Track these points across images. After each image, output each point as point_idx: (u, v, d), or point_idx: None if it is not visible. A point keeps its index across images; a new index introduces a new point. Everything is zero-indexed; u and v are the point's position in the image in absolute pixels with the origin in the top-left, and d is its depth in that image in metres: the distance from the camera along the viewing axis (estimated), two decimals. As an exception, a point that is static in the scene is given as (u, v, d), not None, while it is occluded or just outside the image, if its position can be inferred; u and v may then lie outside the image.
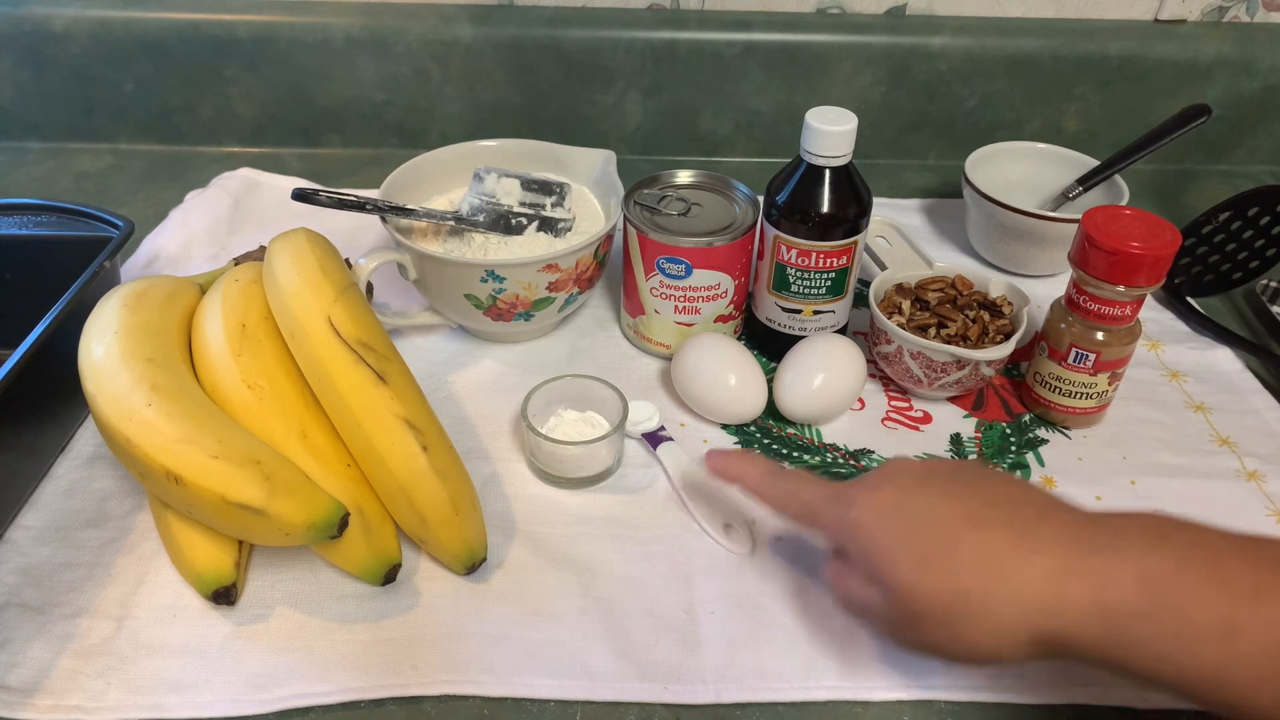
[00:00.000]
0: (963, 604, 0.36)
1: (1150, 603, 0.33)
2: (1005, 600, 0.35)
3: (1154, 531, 0.35)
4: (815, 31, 0.82)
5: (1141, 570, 0.33)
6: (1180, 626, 0.32)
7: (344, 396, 0.46)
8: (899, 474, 0.40)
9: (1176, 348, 0.65)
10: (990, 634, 0.35)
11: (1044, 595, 0.34)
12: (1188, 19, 0.85)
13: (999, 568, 0.35)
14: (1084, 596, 0.34)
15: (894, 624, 0.39)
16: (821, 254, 0.56)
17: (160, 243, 0.72)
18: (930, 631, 0.37)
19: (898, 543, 0.37)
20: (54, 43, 0.81)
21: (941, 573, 0.36)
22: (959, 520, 0.37)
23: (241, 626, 0.45)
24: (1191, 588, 0.32)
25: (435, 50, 0.82)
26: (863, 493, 0.40)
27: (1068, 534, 0.36)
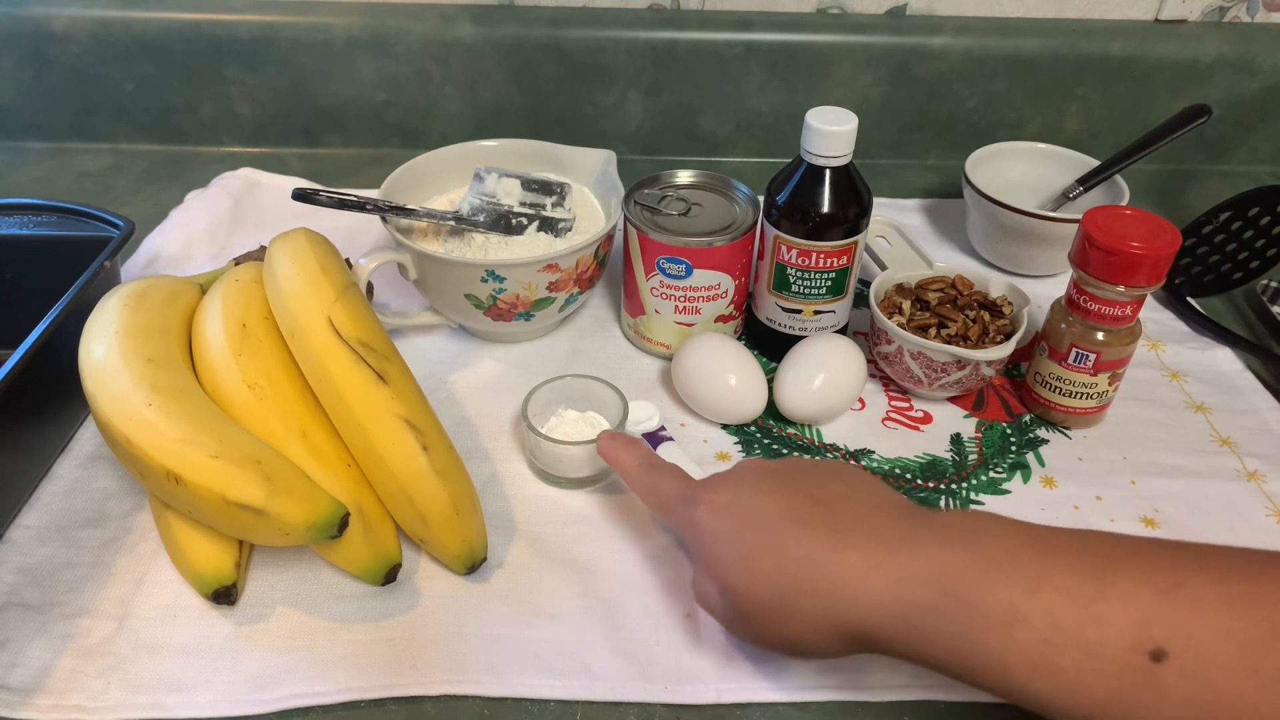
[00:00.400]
0: (780, 602, 0.37)
1: (940, 596, 0.34)
2: (817, 599, 0.37)
3: (958, 528, 0.36)
4: (816, 31, 0.82)
5: (937, 566, 0.35)
6: (966, 617, 0.33)
7: (344, 396, 0.46)
8: (741, 474, 0.42)
9: (1177, 348, 0.65)
10: (804, 629, 0.37)
11: (850, 593, 0.36)
12: (1188, 19, 0.85)
13: (810, 569, 0.37)
14: (884, 593, 0.35)
15: (728, 621, 0.41)
16: (822, 254, 0.56)
17: (160, 243, 0.72)
18: (756, 627, 0.39)
19: (724, 542, 0.39)
20: (54, 43, 0.81)
21: (759, 572, 0.38)
22: (783, 519, 0.38)
23: (241, 626, 0.45)
24: (978, 580, 0.34)
25: (436, 50, 0.82)
26: (706, 492, 0.42)
27: (879, 535, 0.37)
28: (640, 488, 0.46)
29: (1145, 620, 0.31)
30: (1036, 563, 0.34)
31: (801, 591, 0.37)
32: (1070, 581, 0.33)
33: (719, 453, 0.56)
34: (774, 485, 0.40)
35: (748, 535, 0.39)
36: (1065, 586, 0.32)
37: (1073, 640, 0.32)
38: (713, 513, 0.41)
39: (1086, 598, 0.32)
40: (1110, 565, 0.33)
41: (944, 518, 0.38)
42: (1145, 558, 0.33)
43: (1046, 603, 0.32)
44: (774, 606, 0.38)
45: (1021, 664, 0.32)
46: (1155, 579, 0.32)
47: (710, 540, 0.40)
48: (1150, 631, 0.31)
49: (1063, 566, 0.33)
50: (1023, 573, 0.33)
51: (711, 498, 0.41)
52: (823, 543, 0.37)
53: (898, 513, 0.38)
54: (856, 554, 0.36)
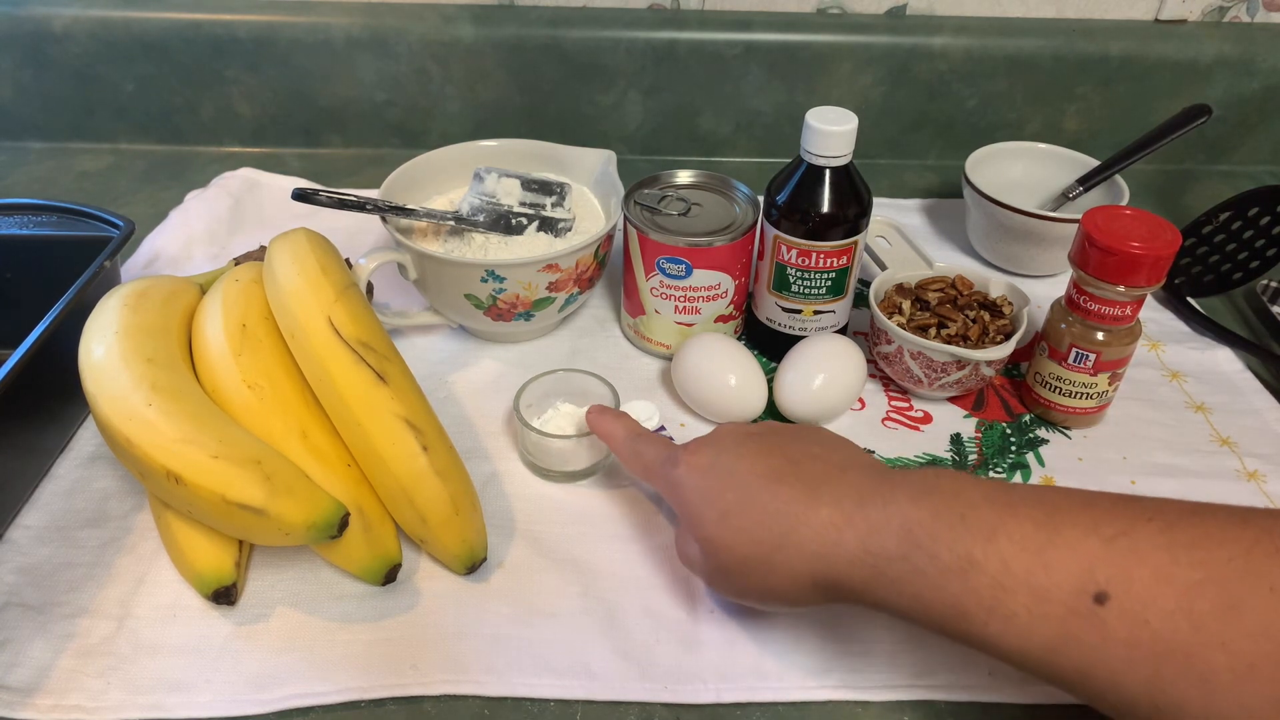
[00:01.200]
0: (756, 554, 0.39)
1: (907, 547, 0.36)
2: (791, 551, 0.38)
3: (924, 484, 0.38)
4: (815, 31, 0.82)
5: (903, 519, 0.36)
6: (928, 566, 0.35)
7: (344, 396, 0.46)
8: (720, 437, 0.44)
9: (1177, 348, 0.65)
10: (783, 581, 0.39)
11: (823, 545, 0.38)
12: (1188, 19, 0.85)
13: (787, 522, 0.39)
14: (854, 544, 0.37)
15: (709, 574, 0.42)
16: (821, 254, 0.56)
17: (160, 243, 0.72)
18: (736, 581, 0.41)
19: (703, 499, 0.41)
20: (54, 43, 0.81)
21: (738, 528, 0.40)
22: (760, 478, 0.40)
23: (241, 626, 0.45)
24: (941, 531, 0.35)
25: (436, 50, 0.82)
26: (686, 454, 0.44)
27: (851, 490, 0.39)
28: (626, 455, 0.48)
29: (1090, 566, 0.32)
30: (993, 515, 0.35)
31: (778, 546, 0.39)
32: (1023, 531, 0.34)
33: (719, 453, 0.56)
34: (752, 447, 0.42)
35: (726, 493, 0.41)
36: (1018, 536, 0.34)
37: (1023, 585, 0.33)
38: (693, 472, 0.42)
39: (1037, 545, 0.34)
40: (1061, 516, 0.34)
41: (910, 475, 0.39)
42: (1097, 509, 0.34)
43: (1000, 551, 0.34)
44: (753, 560, 0.39)
45: (977, 609, 0.34)
46: (1102, 528, 0.33)
47: (690, 499, 0.42)
48: (1095, 576, 0.32)
49: (1017, 517, 0.35)
50: (980, 524, 0.35)
51: (692, 459, 0.43)
52: (798, 499, 0.39)
53: (868, 470, 0.40)
54: (829, 508, 0.38)
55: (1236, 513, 0.33)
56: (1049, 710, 0.43)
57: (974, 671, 0.44)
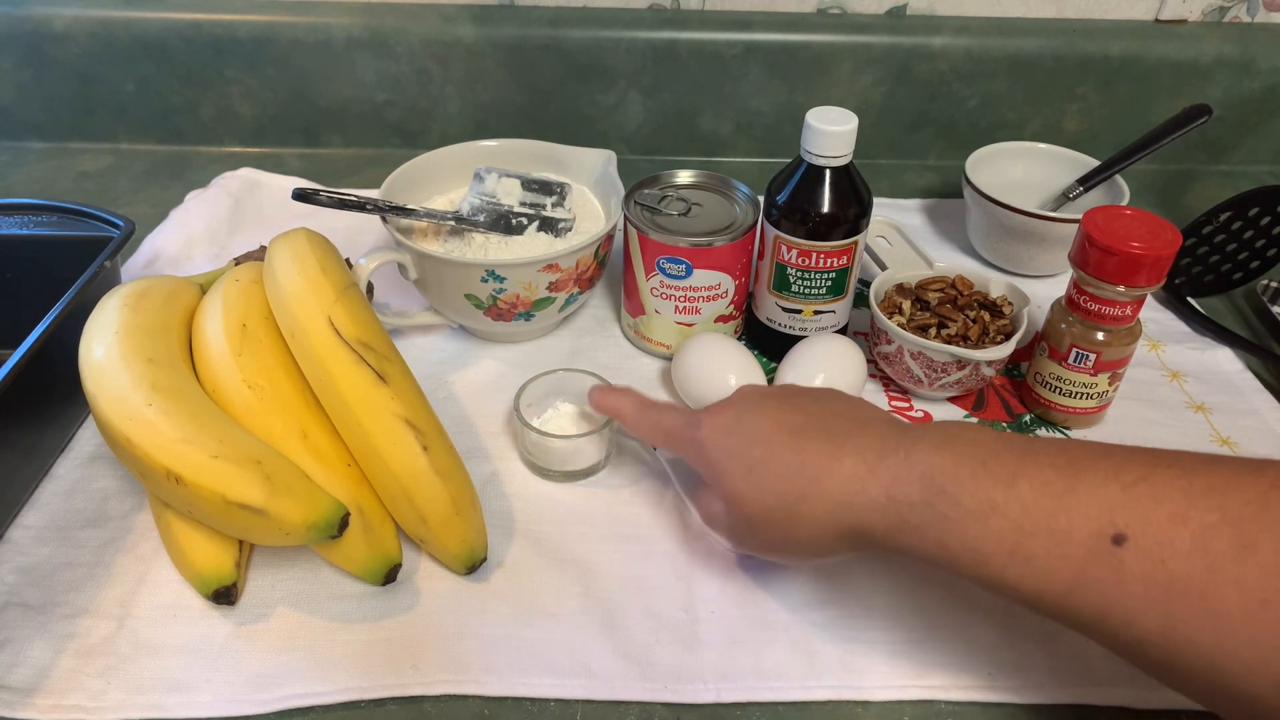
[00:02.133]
0: (782, 506, 0.40)
1: (929, 493, 0.37)
2: (816, 502, 0.39)
3: (945, 435, 0.39)
4: (816, 31, 0.82)
5: (926, 467, 0.38)
6: (950, 511, 0.36)
7: (344, 396, 0.46)
8: (742, 396, 0.45)
9: (1177, 348, 0.65)
10: (809, 531, 0.40)
11: (848, 495, 0.39)
12: (1188, 19, 0.85)
13: (812, 473, 0.40)
14: (878, 492, 0.38)
15: (734, 531, 0.43)
16: (822, 254, 0.56)
17: (160, 243, 0.72)
18: (761, 534, 0.42)
19: (729, 456, 0.42)
20: (54, 43, 0.81)
21: (763, 481, 0.41)
22: (783, 433, 0.41)
23: (241, 626, 0.45)
24: (964, 478, 0.36)
25: (436, 50, 0.82)
26: (708, 415, 0.44)
27: (874, 442, 0.40)
28: (642, 425, 0.48)
29: (1109, 509, 0.33)
30: (1014, 462, 0.36)
31: (804, 496, 0.39)
32: (1044, 476, 0.35)
33: (719, 453, 0.56)
34: (773, 404, 0.43)
35: (751, 449, 0.41)
36: (1038, 481, 0.35)
37: (1043, 528, 0.34)
38: (716, 432, 0.43)
39: (1057, 491, 0.35)
40: (1082, 463, 0.35)
41: (930, 428, 0.40)
42: (1116, 457, 0.35)
43: (1020, 496, 0.35)
44: (778, 511, 0.40)
45: (997, 551, 0.35)
46: (1122, 474, 0.34)
47: (715, 457, 0.43)
48: (1113, 518, 0.33)
49: (1038, 464, 0.36)
50: (1001, 469, 0.36)
51: (714, 419, 0.44)
52: (822, 450, 0.40)
53: (888, 424, 0.41)
54: (853, 459, 0.39)
55: (1251, 462, 0.34)
56: (1049, 710, 0.43)
57: (974, 672, 0.44)
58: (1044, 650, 0.45)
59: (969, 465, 0.37)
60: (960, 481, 0.36)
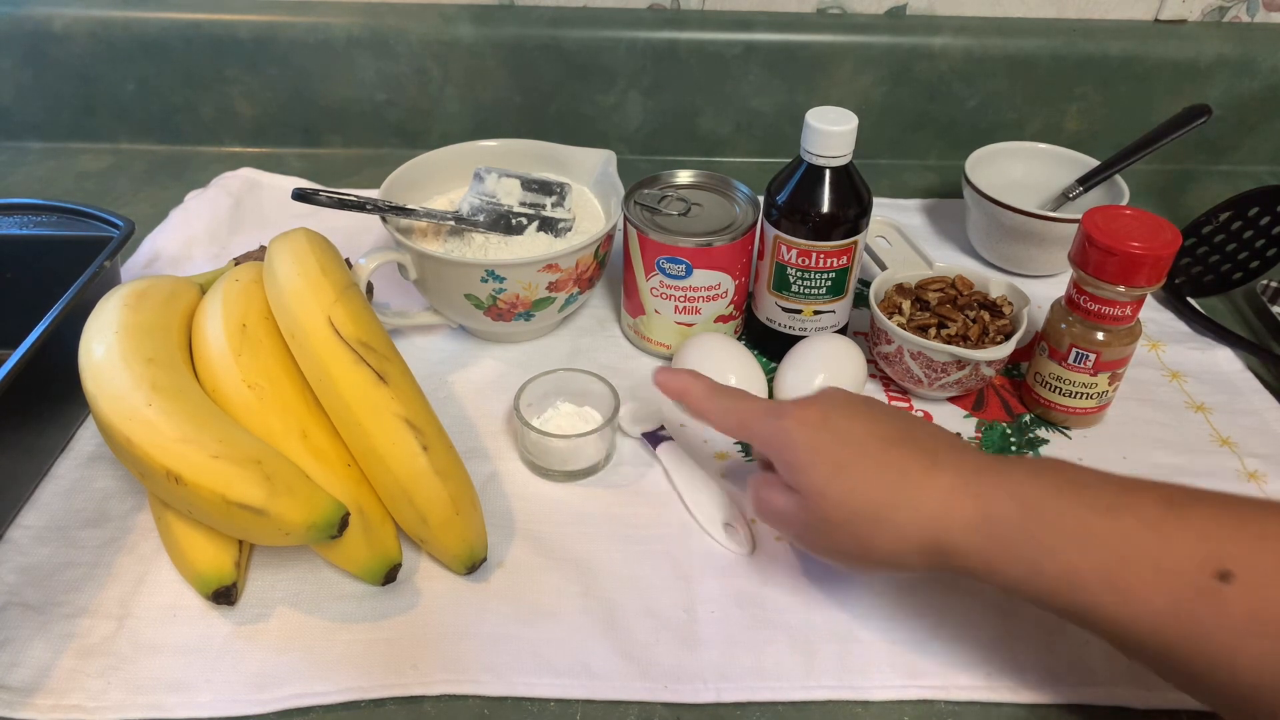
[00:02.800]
0: (868, 511, 0.39)
1: (1024, 515, 0.37)
2: (905, 511, 0.39)
3: (1039, 465, 0.39)
4: (816, 31, 0.82)
5: (1022, 490, 0.37)
6: (1045, 534, 0.36)
7: (344, 396, 0.46)
8: (830, 396, 0.44)
9: (1177, 348, 0.65)
10: (890, 541, 0.39)
11: (938, 508, 0.38)
12: (1188, 19, 0.85)
13: (903, 482, 0.39)
14: (971, 510, 0.38)
15: (806, 528, 0.42)
16: (821, 254, 0.56)
17: (160, 243, 0.72)
18: (838, 537, 0.41)
19: (816, 452, 0.41)
20: (54, 43, 0.81)
21: (852, 482, 0.40)
22: (874, 439, 0.41)
23: (241, 626, 0.45)
24: (1062, 504, 0.36)
25: (436, 50, 0.82)
26: (794, 407, 0.43)
27: (969, 460, 0.40)
28: (714, 410, 0.46)
29: (1214, 545, 0.33)
30: (1114, 492, 0.36)
31: (894, 505, 0.39)
32: (1145, 508, 0.35)
33: (718, 453, 0.56)
34: (862, 409, 0.43)
35: (842, 449, 0.41)
36: (1141, 513, 0.35)
37: (1145, 559, 0.34)
38: (803, 426, 0.42)
39: (1157, 523, 0.35)
40: (1182, 500, 0.35)
41: (1016, 458, 0.40)
42: (1217, 498, 0.35)
43: (1121, 525, 0.35)
44: (862, 516, 0.39)
45: (1094, 579, 0.35)
46: (1226, 513, 0.34)
47: (799, 450, 0.41)
48: (1219, 554, 0.33)
49: (1140, 496, 0.36)
50: (1101, 499, 0.36)
51: (801, 412, 0.43)
52: (917, 462, 0.40)
53: (975, 449, 0.42)
54: (949, 474, 0.39)
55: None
56: (1049, 710, 0.43)
57: (974, 672, 0.44)
58: (1043, 650, 0.45)
59: (1067, 492, 0.37)
60: (1058, 507, 0.36)
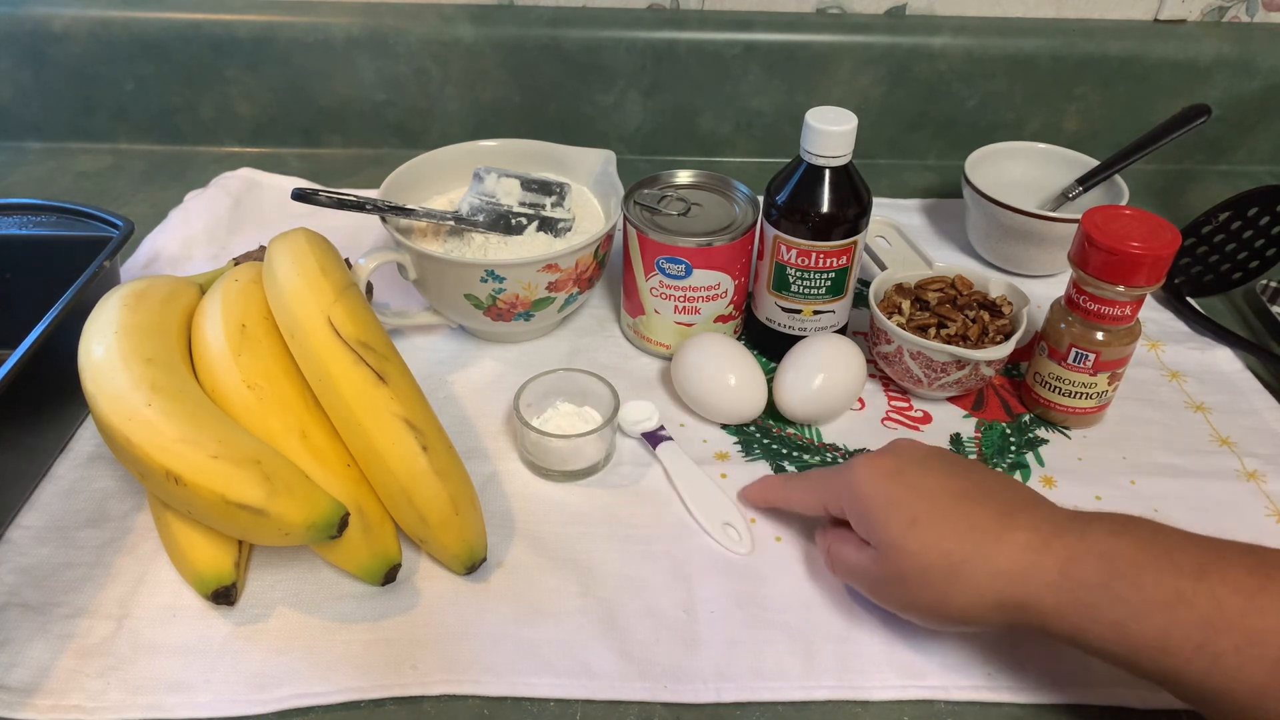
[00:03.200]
0: (944, 565, 0.39)
1: (1109, 575, 0.36)
2: (982, 567, 0.38)
3: (1119, 522, 0.38)
4: (815, 31, 0.82)
5: (1104, 549, 0.37)
6: (1132, 596, 0.35)
7: (344, 396, 0.46)
8: (905, 448, 0.44)
9: (1176, 348, 0.65)
10: (966, 596, 0.39)
11: (1017, 566, 0.38)
12: (1188, 19, 0.85)
13: (981, 538, 0.39)
14: (1052, 568, 0.37)
15: (879, 582, 0.42)
16: (821, 254, 0.56)
17: (160, 243, 0.72)
18: (913, 591, 0.40)
19: (891, 505, 0.41)
20: (54, 43, 0.81)
21: (928, 536, 0.39)
22: (950, 493, 0.40)
23: (241, 626, 0.45)
24: (1146, 565, 0.36)
25: (435, 50, 0.82)
26: (866, 458, 0.43)
27: (1045, 517, 0.39)
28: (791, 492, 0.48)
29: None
30: (1201, 555, 0.36)
31: (971, 560, 0.38)
32: (1235, 574, 0.35)
33: (719, 453, 0.56)
34: (936, 463, 0.42)
35: (917, 502, 0.40)
36: (1230, 578, 0.35)
37: (1236, 626, 0.34)
38: (877, 475, 0.42)
39: (1250, 590, 0.34)
40: (1274, 563, 0.35)
41: (1101, 513, 0.39)
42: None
43: (1211, 590, 0.34)
44: (937, 570, 0.39)
45: (1184, 645, 0.34)
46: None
47: (873, 502, 0.41)
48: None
49: (1227, 561, 0.35)
50: (1189, 561, 0.35)
51: (875, 462, 0.43)
52: (993, 518, 0.39)
53: (1054, 505, 0.41)
54: (1027, 532, 0.38)
55: None
56: (1049, 710, 0.43)
57: (973, 672, 0.44)
58: (1043, 650, 0.44)
59: (1151, 553, 0.36)
60: (1143, 566, 0.36)
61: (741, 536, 0.50)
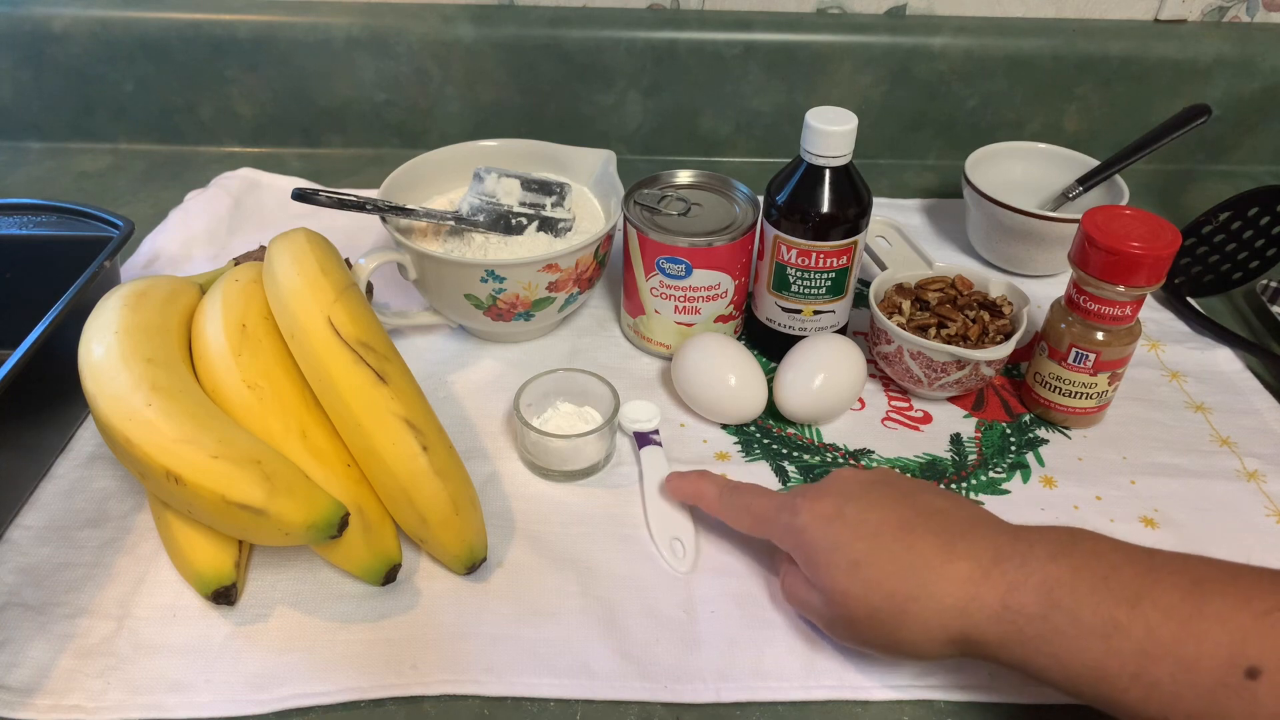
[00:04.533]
0: (889, 606, 0.39)
1: (1046, 606, 0.36)
2: (926, 604, 0.38)
3: (1060, 542, 0.38)
4: (815, 31, 0.82)
5: (1043, 576, 0.37)
6: (1068, 626, 0.35)
7: (344, 396, 0.46)
8: (842, 483, 0.43)
9: (1176, 348, 0.65)
10: (914, 634, 0.39)
11: (960, 600, 0.38)
12: (1188, 19, 0.85)
13: (922, 575, 0.38)
14: (993, 601, 0.37)
15: (832, 623, 0.42)
16: (821, 254, 0.56)
17: (160, 243, 0.72)
18: (863, 631, 0.40)
19: (832, 548, 0.41)
20: (54, 43, 0.81)
21: (870, 579, 0.39)
22: (890, 529, 0.40)
23: (241, 626, 0.45)
24: (1083, 592, 0.36)
25: (436, 50, 0.82)
26: (807, 501, 0.43)
27: (988, 545, 0.39)
28: (729, 510, 0.47)
29: (1241, 640, 0.33)
30: (1137, 579, 0.35)
31: (914, 597, 0.38)
32: (1169, 598, 0.34)
33: (719, 453, 0.56)
34: (876, 495, 0.42)
35: (857, 543, 0.40)
36: (1164, 604, 0.34)
37: (1170, 654, 0.33)
38: (818, 520, 0.41)
39: (1184, 615, 0.34)
40: (1208, 586, 0.35)
41: (1044, 532, 0.39)
42: (1243, 582, 0.35)
43: (1145, 617, 0.34)
44: (884, 612, 0.39)
45: (1119, 673, 0.34)
46: (1253, 603, 0.33)
47: (816, 548, 0.41)
48: (1245, 650, 0.32)
49: (1162, 584, 0.35)
50: (1124, 587, 0.35)
51: (814, 506, 0.42)
52: (934, 549, 0.39)
53: (998, 526, 0.40)
54: (967, 562, 0.38)
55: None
56: (1049, 710, 0.43)
57: (974, 672, 0.44)
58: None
59: (1088, 579, 0.36)
60: (1079, 595, 0.35)
61: (685, 554, 0.49)
